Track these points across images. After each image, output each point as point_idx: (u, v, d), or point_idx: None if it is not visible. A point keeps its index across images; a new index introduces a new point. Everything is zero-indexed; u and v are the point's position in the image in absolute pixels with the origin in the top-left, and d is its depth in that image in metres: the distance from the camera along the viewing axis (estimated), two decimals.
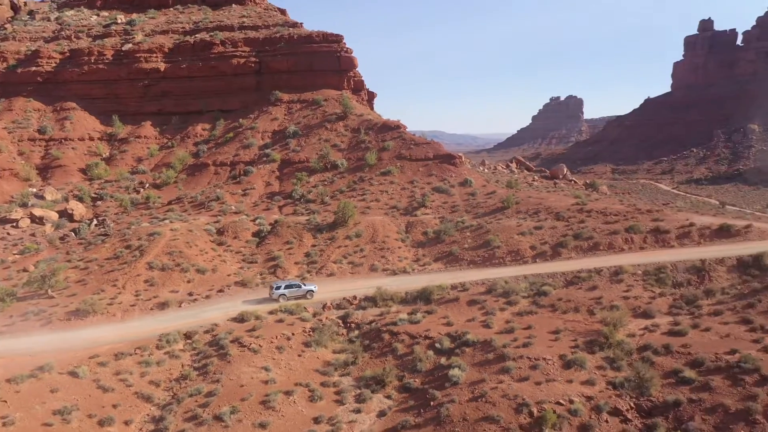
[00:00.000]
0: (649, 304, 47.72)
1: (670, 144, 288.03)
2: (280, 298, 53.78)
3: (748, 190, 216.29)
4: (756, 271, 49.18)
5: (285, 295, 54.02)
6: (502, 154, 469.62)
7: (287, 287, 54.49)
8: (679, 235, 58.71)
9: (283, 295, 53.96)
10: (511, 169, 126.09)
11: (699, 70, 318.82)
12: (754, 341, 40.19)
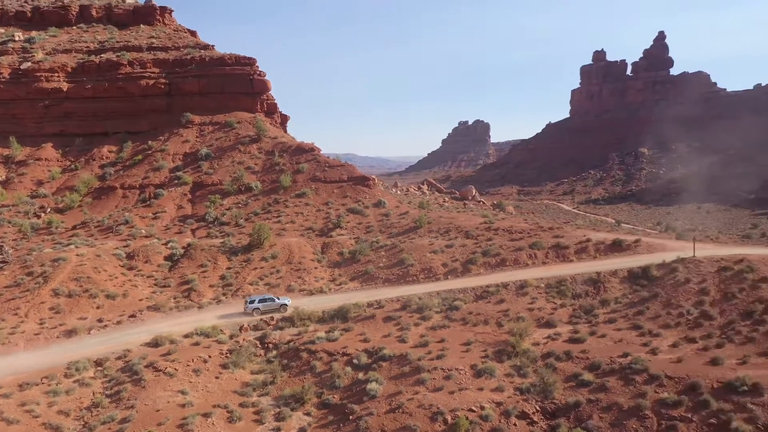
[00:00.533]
0: (552, 314, 51.00)
1: (570, 166, 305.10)
2: (254, 312, 54.63)
3: (641, 209, 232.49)
4: (644, 281, 53.69)
5: (258, 308, 54.88)
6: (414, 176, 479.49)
7: (261, 301, 55.36)
8: (578, 250, 63.09)
9: (256, 309, 54.82)
10: (422, 190, 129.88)
11: (594, 98, 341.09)
12: (644, 344, 44.06)
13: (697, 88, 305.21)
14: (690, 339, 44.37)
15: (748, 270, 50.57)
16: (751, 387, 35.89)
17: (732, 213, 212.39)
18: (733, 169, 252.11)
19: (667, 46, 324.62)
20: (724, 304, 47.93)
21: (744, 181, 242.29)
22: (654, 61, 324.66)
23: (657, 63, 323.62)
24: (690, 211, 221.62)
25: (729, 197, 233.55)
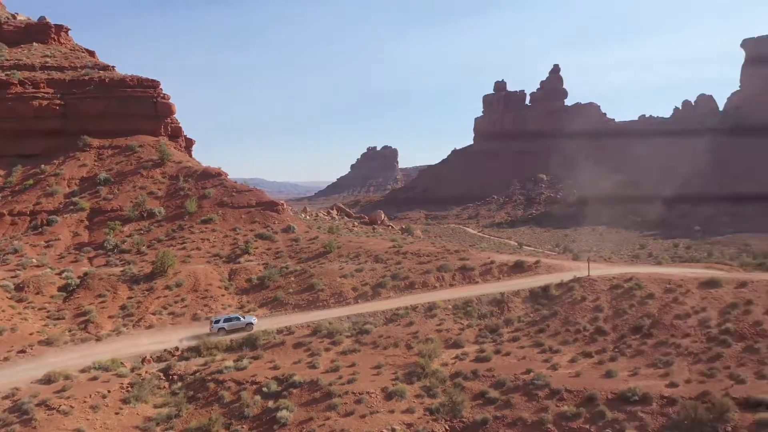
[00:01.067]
0: (459, 335, 52.34)
1: (475, 191, 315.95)
2: (219, 331, 54.20)
3: (541, 232, 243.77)
4: (545, 300, 56.29)
5: (224, 328, 54.48)
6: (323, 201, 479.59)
7: (226, 320, 55.05)
8: (483, 272, 65.28)
9: (222, 329, 54.40)
10: (332, 215, 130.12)
11: (496, 125, 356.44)
12: (545, 361, 46.11)
13: (589, 118, 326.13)
14: (587, 354, 46.93)
15: (637, 287, 54.22)
16: (641, 397, 38.42)
17: (623, 235, 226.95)
18: (624, 193, 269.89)
19: (562, 78, 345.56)
20: (616, 320, 51.07)
21: (633, 205, 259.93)
22: (550, 91, 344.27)
23: (553, 94, 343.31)
24: (586, 233, 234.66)
25: (620, 220, 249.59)
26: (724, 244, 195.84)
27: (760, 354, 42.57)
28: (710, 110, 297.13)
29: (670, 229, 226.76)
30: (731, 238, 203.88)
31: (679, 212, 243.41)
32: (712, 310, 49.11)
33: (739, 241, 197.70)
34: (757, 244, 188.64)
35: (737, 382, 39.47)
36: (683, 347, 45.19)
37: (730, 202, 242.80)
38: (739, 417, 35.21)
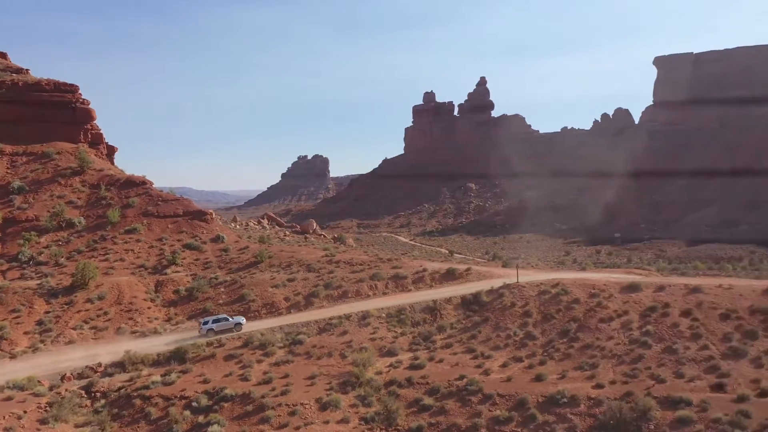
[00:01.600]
0: (393, 343, 52.41)
1: (406, 200, 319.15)
2: (208, 332, 54.75)
3: (471, 240, 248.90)
4: (476, 307, 57.25)
5: (213, 329, 55.03)
6: (254, 210, 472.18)
7: (215, 321, 55.64)
8: (415, 280, 65.78)
9: (211, 330, 54.97)
10: (263, 225, 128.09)
11: (426, 135, 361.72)
12: (477, 366, 46.79)
13: (515, 129, 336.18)
14: (517, 358, 47.96)
15: (563, 292, 55.97)
16: (569, 399, 39.58)
17: (548, 242, 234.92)
18: (549, 201, 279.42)
19: (488, 90, 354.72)
20: (544, 325, 52.50)
21: (558, 213, 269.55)
22: (477, 103, 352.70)
23: (480, 105, 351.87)
24: (514, 241, 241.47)
25: (545, 228, 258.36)
26: (642, 250, 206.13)
27: (678, 354, 44.69)
28: (626, 123, 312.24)
29: (592, 236, 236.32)
30: (648, 244, 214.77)
31: (601, 220, 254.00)
32: (634, 314, 51.25)
33: (655, 247, 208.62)
34: (671, 250, 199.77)
35: (658, 381, 41.28)
36: (607, 349, 46.90)
37: (648, 210, 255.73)
38: (660, 415, 36.78)
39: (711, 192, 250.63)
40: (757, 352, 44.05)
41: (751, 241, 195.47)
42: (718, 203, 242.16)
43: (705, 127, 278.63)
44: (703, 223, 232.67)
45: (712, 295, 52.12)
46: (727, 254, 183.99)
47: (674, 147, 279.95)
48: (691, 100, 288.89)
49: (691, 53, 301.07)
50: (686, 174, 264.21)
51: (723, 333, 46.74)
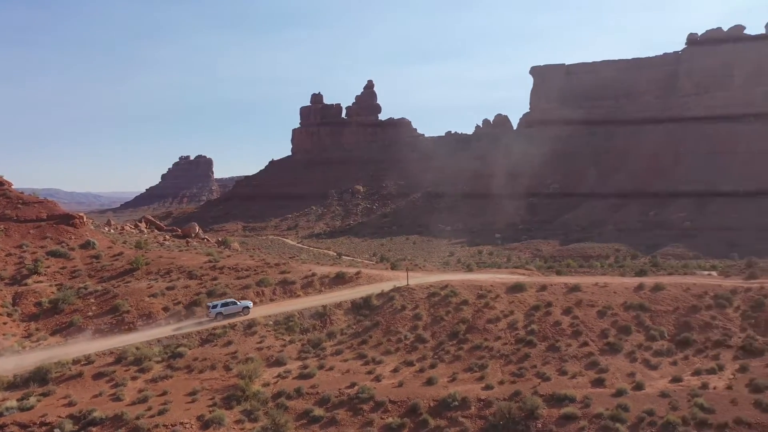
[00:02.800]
0: (281, 351, 50.22)
1: (293, 202, 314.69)
2: (217, 316, 54.80)
3: (359, 242, 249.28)
4: (366, 311, 56.32)
5: (222, 313, 55.12)
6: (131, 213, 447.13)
7: (224, 305, 55.56)
8: (304, 285, 63.83)
9: (219, 314, 55.04)
10: (140, 228, 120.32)
11: (313, 137, 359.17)
12: (369, 372, 45.78)
13: (402, 132, 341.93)
14: (408, 362, 47.48)
15: (452, 294, 56.42)
16: (460, 402, 39.53)
17: (434, 243, 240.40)
18: (434, 204, 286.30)
19: (376, 94, 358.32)
20: (434, 327, 52.53)
21: (442, 214, 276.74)
22: (365, 106, 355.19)
23: (367, 108, 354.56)
24: (400, 242, 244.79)
25: (430, 229, 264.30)
26: (521, 249, 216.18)
27: (561, 352, 46.18)
28: (506, 128, 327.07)
29: (474, 237, 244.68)
30: (526, 243, 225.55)
31: (483, 221, 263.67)
32: (519, 313, 52.55)
33: (532, 246, 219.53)
34: (547, 249, 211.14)
35: (543, 379, 42.34)
36: (495, 350, 47.61)
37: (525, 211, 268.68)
38: (547, 413, 37.53)
39: (581, 194, 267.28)
40: (631, 346, 46.45)
41: (616, 240, 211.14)
42: (587, 205, 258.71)
43: (576, 133, 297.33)
44: (574, 224, 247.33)
45: (589, 293, 54.59)
46: (595, 252, 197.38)
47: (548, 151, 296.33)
48: (563, 107, 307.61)
49: (564, 64, 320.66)
50: (559, 177, 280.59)
51: (600, 329, 48.94)
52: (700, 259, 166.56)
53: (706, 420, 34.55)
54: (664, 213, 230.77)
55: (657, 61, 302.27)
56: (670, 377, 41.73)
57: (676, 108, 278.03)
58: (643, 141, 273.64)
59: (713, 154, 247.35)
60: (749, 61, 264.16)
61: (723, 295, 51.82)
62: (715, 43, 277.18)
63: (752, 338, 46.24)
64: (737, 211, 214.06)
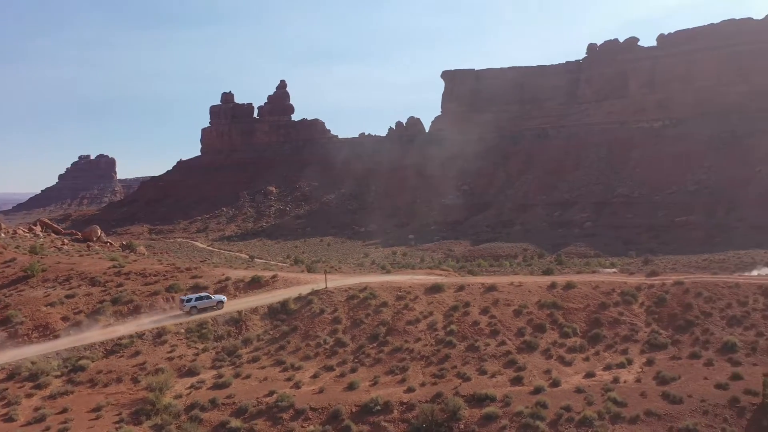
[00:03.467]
0: (194, 361, 47.86)
1: (203, 204, 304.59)
2: (191, 310, 54.15)
3: (272, 244, 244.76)
4: (284, 316, 54.74)
5: (196, 307, 54.49)
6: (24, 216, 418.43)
7: (198, 299, 55.09)
8: (218, 290, 61.20)
9: (194, 307, 54.39)
10: (35, 232, 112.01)
11: (224, 137, 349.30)
12: (288, 379, 44.42)
13: (315, 133, 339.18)
14: (328, 367, 46.48)
15: (371, 296, 55.85)
16: (383, 406, 39.00)
17: (348, 244, 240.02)
18: (348, 205, 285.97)
19: (289, 94, 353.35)
20: (354, 330, 51.76)
21: (356, 216, 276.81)
22: (277, 106, 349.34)
23: (280, 108, 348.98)
24: (314, 244, 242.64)
25: (344, 231, 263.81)
26: (434, 250, 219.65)
27: (480, 351, 46.67)
28: (418, 131, 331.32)
29: (388, 239, 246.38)
30: (438, 244, 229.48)
31: (396, 222, 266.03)
32: (438, 314, 52.74)
33: (444, 247, 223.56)
34: (459, 249, 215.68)
35: (464, 380, 42.56)
36: (416, 351, 47.46)
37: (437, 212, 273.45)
38: (468, 414, 37.67)
39: (490, 196, 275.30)
40: (546, 344, 47.66)
41: (524, 240, 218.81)
42: (496, 206, 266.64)
43: (485, 136, 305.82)
44: (484, 224, 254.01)
45: (506, 293, 55.62)
46: (505, 252, 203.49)
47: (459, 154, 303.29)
48: (473, 111, 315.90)
49: (473, 69, 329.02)
50: (470, 179, 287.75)
51: (517, 328, 49.94)
52: (600, 257, 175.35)
53: (620, 413, 35.83)
54: (567, 214, 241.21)
55: (560, 68, 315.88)
56: (583, 373, 43.09)
57: (578, 114, 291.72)
58: (547, 145, 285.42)
59: (610, 158, 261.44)
60: (643, 71, 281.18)
61: (629, 291, 54.25)
62: (612, 53, 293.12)
63: (656, 332, 48.66)
64: (631, 212, 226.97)
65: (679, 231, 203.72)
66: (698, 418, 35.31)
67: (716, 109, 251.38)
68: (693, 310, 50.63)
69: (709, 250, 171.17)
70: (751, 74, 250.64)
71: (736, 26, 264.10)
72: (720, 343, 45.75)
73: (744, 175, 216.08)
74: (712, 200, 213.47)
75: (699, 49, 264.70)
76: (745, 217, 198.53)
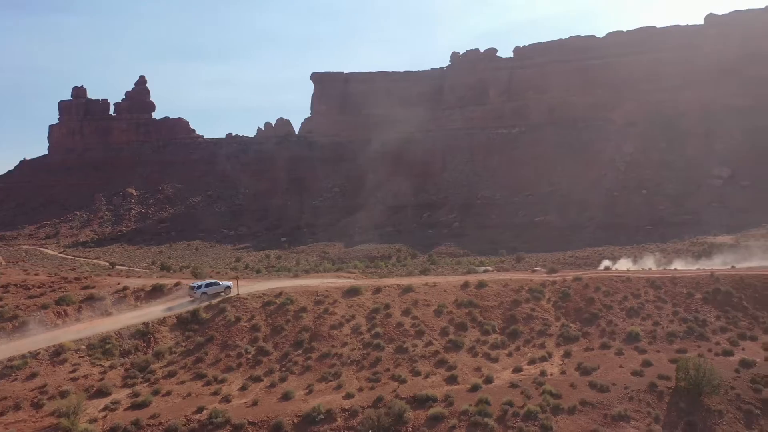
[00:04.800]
0: (102, 380, 43.58)
1: (52, 207, 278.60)
2: (202, 296, 55.10)
3: (133, 250, 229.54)
4: (196, 326, 51.47)
5: (206, 293, 55.56)
6: None
7: (207, 285, 56.59)
8: (116, 301, 56.16)
9: (204, 294, 55.42)
10: None
11: (76, 135, 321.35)
12: (214, 394, 41.85)
13: (179, 132, 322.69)
14: (255, 378, 44.41)
15: (289, 302, 54.13)
16: (325, 414, 37.97)
17: (217, 249, 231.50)
18: (216, 208, 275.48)
19: (149, 91, 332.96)
20: (276, 338, 49.89)
21: (225, 218, 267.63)
22: (136, 103, 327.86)
23: (139, 106, 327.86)
24: (181, 248, 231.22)
25: (212, 235, 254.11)
26: (308, 252, 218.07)
27: (409, 353, 46.94)
28: (288, 132, 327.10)
29: (260, 242, 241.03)
30: (312, 246, 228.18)
31: (267, 225, 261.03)
32: (360, 317, 52.33)
33: (318, 249, 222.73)
34: (333, 251, 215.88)
35: (400, 382, 42.56)
36: (345, 356, 46.72)
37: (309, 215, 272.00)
38: (414, 416, 37.70)
39: (362, 198, 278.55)
40: (470, 342, 49.03)
41: (396, 241, 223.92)
42: (368, 207, 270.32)
43: (355, 139, 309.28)
44: (356, 226, 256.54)
45: (423, 293, 56.45)
46: (379, 253, 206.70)
47: (330, 156, 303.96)
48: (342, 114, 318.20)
49: (342, 72, 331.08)
50: (340, 181, 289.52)
51: (440, 327, 50.88)
52: (470, 255, 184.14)
53: (559, 405, 37.70)
54: (436, 215, 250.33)
55: (425, 75, 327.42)
56: (511, 368, 44.85)
57: (443, 119, 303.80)
58: (415, 148, 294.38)
59: (473, 161, 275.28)
60: (501, 81, 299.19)
61: (536, 288, 57.32)
62: (474, 62, 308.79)
63: (567, 326, 51.91)
64: (494, 212, 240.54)
65: (538, 230, 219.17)
66: (626, 404, 38.12)
67: (566, 117, 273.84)
68: (595, 303, 54.66)
69: (565, 248, 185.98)
70: (595, 87, 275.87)
71: (582, 42, 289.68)
72: (624, 333, 49.82)
73: (592, 178, 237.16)
74: (565, 201, 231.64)
75: (551, 62, 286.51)
76: (594, 216, 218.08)
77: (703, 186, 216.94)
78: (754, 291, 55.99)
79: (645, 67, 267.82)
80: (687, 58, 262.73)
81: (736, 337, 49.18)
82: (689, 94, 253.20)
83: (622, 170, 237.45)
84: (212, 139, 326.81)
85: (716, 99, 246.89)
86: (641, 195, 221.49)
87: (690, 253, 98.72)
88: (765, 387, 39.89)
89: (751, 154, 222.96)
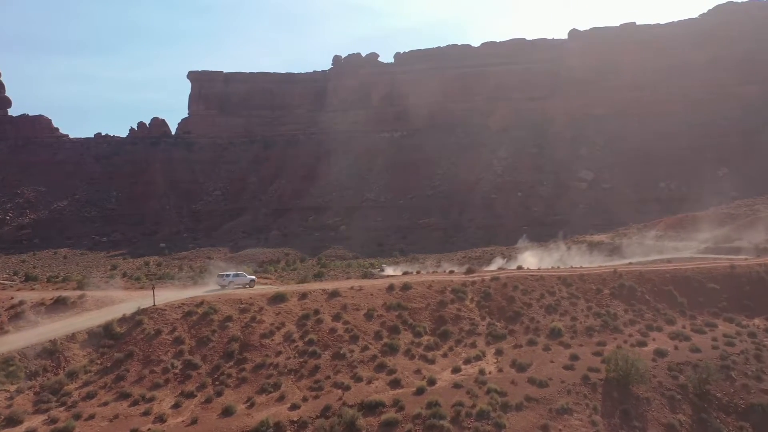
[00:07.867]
0: (10, 407, 38.92)
1: None
2: (230, 284, 61.51)
3: None
4: (111, 341, 47.39)
5: (234, 282, 62.24)
6: None
7: (236, 276, 63.47)
8: (12, 317, 50.25)
9: (232, 282, 61.94)
10: None
11: None
12: (145, 414, 38.91)
13: (40, 131, 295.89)
14: (188, 394, 41.66)
15: (212, 311, 51.31)
16: (274, 427, 36.50)
17: (89, 256, 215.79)
18: (84, 213, 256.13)
19: (4, 85, 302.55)
20: (203, 350, 47.12)
21: (96, 224, 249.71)
22: None
23: None
24: (47, 257, 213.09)
25: (82, 241, 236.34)
26: (191, 258, 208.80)
27: (347, 358, 46.19)
28: (163, 133, 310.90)
29: (136, 248, 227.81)
30: (195, 252, 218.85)
31: (144, 230, 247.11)
32: (291, 324, 50.75)
33: (202, 254, 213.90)
34: (218, 256, 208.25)
35: (344, 389, 41.72)
36: (282, 366, 45.09)
37: (189, 219, 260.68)
38: (366, 422, 37.09)
39: (245, 201, 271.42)
40: (405, 345, 49.19)
41: (283, 245, 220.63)
42: (251, 211, 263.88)
43: (236, 141, 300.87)
44: (240, 230, 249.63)
45: (350, 298, 55.82)
46: (267, 257, 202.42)
47: (209, 158, 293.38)
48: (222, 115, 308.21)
49: (222, 72, 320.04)
50: (221, 184, 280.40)
51: (374, 331, 50.59)
52: (359, 258, 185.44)
53: (506, 402, 38.74)
54: (322, 218, 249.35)
55: (308, 77, 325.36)
56: (450, 369, 45.46)
57: (326, 122, 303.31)
58: (298, 151, 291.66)
59: (358, 164, 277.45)
60: (383, 85, 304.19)
61: (459, 289, 58.65)
62: (356, 66, 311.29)
63: (493, 324, 53.60)
64: (380, 215, 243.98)
65: (423, 231, 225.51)
66: (566, 398, 40.00)
67: (445, 122, 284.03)
68: (516, 302, 56.91)
69: (450, 248, 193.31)
70: (471, 93, 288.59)
71: (459, 51, 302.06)
72: (548, 330, 52.30)
73: (470, 181, 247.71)
74: (447, 203, 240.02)
75: (430, 68, 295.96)
76: (474, 218, 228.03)
77: (571, 188, 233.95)
78: (653, 285, 61.22)
79: (517, 76, 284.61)
80: (553, 69, 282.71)
81: (645, 329, 53.43)
82: (556, 102, 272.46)
83: (499, 173, 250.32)
84: (79, 138, 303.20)
85: (580, 107, 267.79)
86: (517, 197, 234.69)
87: (577, 251, 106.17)
88: (680, 374, 43.72)
89: (610, 158, 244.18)
